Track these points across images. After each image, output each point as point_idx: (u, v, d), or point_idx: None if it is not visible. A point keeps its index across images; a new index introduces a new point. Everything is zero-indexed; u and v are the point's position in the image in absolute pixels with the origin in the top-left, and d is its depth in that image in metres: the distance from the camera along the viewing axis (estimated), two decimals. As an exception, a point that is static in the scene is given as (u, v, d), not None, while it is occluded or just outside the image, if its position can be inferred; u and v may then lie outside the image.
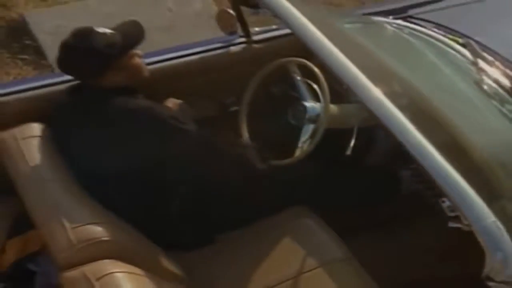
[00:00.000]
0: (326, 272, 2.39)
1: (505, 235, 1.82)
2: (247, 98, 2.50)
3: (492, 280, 1.84)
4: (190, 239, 2.41)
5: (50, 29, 3.87)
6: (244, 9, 2.50)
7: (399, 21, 3.01)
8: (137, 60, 2.39)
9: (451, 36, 2.85)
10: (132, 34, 2.41)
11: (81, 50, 2.31)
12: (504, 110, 2.57)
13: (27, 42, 3.83)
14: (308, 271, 2.37)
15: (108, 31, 2.37)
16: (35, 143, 2.47)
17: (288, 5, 2.33)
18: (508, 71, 2.71)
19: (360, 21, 3.03)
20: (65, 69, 2.38)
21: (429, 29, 2.95)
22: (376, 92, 2.04)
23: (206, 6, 3.91)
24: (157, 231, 2.33)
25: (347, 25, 2.85)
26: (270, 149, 2.49)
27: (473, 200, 1.87)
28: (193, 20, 3.86)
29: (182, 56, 2.71)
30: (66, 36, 2.34)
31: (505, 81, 2.63)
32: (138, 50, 2.35)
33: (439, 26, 2.96)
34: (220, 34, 2.77)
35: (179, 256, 2.41)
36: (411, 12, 3.06)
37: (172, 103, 2.47)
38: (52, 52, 3.57)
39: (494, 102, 2.62)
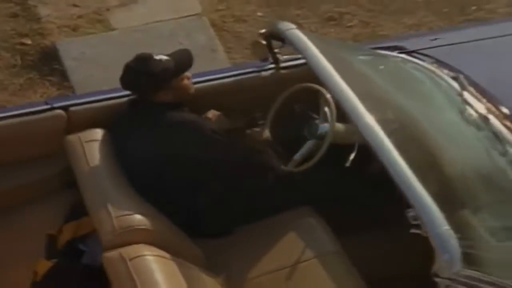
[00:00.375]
0: (319, 263, 2.76)
1: (454, 241, 2.19)
2: (271, 114, 2.90)
3: (438, 276, 2.20)
4: (214, 229, 2.82)
5: (76, 56, 4.24)
6: (274, 41, 2.89)
7: (403, 55, 3.32)
8: (186, 82, 2.80)
9: (445, 71, 3.19)
10: (183, 60, 2.81)
11: (140, 72, 2.72)
12: (479, 135, 2.89)
13: (55, 66, 4.20)
14: (304, 261, 2.76)
15: (164, 58, 2.75)
16: (95, 146, 2.86)
17: (305, 41, 2.74)
18: (488, 104, 3.01)
19: (367, 54, 3.32)
20: (126, 87, 2.80)
21: (429, 63, 3.25)
22: (365, 117, 2.43)
23: (209, 41, 4.30)
24: (188, 221, 2.73)
25: (355, 57, 3.16)
26: (286, 157, 2.87)
27: (431, 211, 2.22)
28: (196, 52, 4.28)
29: (221, 78, 3.09)
30: (129, 61, 2.76)
31: (484, 112, 2.93)
32: (187, 73, 2.78)
33: (437, 61, 3.26)
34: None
35: (203, 243, 2.79)
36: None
37: (212, 114, 2.89)
38: (75, 75, 4.13)
39: (472, 129, 2.92)
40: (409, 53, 3.30)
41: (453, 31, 3.92)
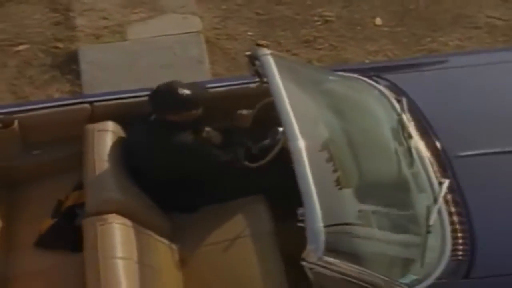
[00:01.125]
0: (252, 240, 3.41)
1: (322, 236, 2.71)
2: (249, 118, 3.56)
3: (305, 261, 2.76)
4: (187, 206, 3.61)
5: (90, 60, 5.05)
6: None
7: (363, 78, 3.84)
8: (194, 112, 3.41)
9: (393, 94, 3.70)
10: (199, 98, 3.42)
11: (167, 97, 3.39)
12: (399, 150, 3.44)
13: (74, 67, 5.05)
14: (242, 237, 3.43)
15: (186, 92, 3.35)
16: (105, 135, 3.50)
17: (271, 68, 3.27)
18: (419, 127, 3.53)
19: (329, 75, 3.87)
20: (152, 102, 3.45)
21: (382, 86, 3.77)
22: (296, 139, 2.97)
23: (199, 54, 5.02)
24: (166, 200, 3.51)
25: (315, 79, 3.71)
26: (249, 155, 3.53)
27: (313, 210, 2.76)
28: (188, 62, 4.92)
29: (217, 87, 3.71)
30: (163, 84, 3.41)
31: (413, 132, 3.46)
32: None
33: (391, 84, 3.79)
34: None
35: (175, 217, 3.53)
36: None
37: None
38: (85, 76, 4.92)
39: (395, 143, 3.48)
40: (368, 76, 3.85)
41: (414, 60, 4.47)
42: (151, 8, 5.57)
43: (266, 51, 3.44)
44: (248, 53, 3.48)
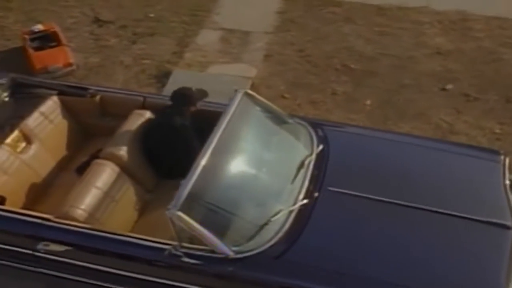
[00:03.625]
0: None
1: (183, 199, 4.19)
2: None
3: (168, 210, 4.18)
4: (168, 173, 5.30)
5: (176, 79, 7.35)
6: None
7: (306, 124, 5.25)
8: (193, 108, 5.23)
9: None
10: (199, 98, 5.34)
11: (187, 96, 5.31)
12: (292, 169, 4.79)
13: (164, 80, 7.48)
14: None
15: (193, 93, 5.27)
16: (140, 118, 5.38)
17: (231, 105, 4.78)
18: (316, 163, 4.81)
19: (283, 118, 5.22)
20: (175, 97, 5.32)
21: (317, 133, 5.16)
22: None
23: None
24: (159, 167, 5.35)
25: (270, 119, 5.10)
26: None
27: (188, 184, 4.31)
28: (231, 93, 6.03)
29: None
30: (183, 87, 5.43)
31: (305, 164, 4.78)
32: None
33: (324, 135, 5.20)
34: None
35: (164, 182, 5.29)
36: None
37: None
38: (167, 87, 6.97)
39: (292, 166, 4.78)
40: (315, 125, 5.24)
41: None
42: (234, 57, 8.27)
43: (245, 90, 5.02)
44: (235, 87, 5.17)
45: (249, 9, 9.27)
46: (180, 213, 4.14)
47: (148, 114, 5.48)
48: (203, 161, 4.37)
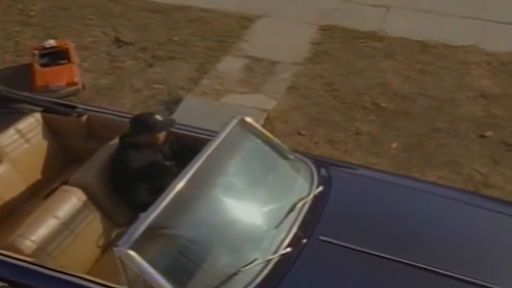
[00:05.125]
0: None
1: (136, 236, 3.60)
2: None
3: (117, 247, 3.59)
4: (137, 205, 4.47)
5: (186, 106, 6.86)
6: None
7: (308, 161, 4.59)
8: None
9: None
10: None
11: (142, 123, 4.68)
12: (281, 210, 4.14)
13: (173, 107, 6.93)
14: None
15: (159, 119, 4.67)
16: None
17: (222, 132, 4.24)
18: (312, 207, 4.18)
19: (284, 153, 4.56)
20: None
21: (312, 172, 4.51)
22: (180, 182, 3.86)
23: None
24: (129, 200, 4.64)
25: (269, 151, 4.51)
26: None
27: (147, 219, 3.72)
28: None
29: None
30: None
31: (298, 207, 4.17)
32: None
33: (326, 174, 4.53)
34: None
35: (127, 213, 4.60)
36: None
37: None
38: (176, 114, 6.51)
39: (284, 206, 4.13)
40: (319, 164, 4.60)
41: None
42: (255, 88, 7.62)
43: (242, 118, 4.42)
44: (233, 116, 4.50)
45: (281, 38, 8.63)
46: (131, 252, 3.57)
47: None
48: (172, 193, 3.81)
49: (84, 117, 5.27)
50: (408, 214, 4.36)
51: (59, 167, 5.32)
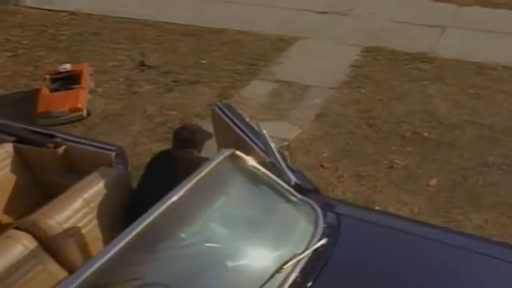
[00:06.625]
0: None
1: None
2: None
3: None
4: None
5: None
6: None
7: (314, 204, 3.75)
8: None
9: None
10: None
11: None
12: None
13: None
14: None
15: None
16: (93, 179, 4.17)
17: (215, 160, 3.57)
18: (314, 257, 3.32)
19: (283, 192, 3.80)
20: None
21: (323, 218, 3.65)
22: (170, 199, 3.24)
23: None
24: None
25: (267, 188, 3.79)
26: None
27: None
28: None
29: None
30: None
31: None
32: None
33: (336, 222, 3.70)
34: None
35: None
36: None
37: None
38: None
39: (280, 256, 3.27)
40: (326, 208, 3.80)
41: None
42: (279, 114, 6.83)
43: (232, 152, 3.69)
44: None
45: (318, 61, 7.80)
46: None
47: (112, 172, 4.31)
48: (125, 239, 3.10)
49: (62, 148, 4.74)
50: (431, 281, 3.45)
51: (30, 205, 4.63)
